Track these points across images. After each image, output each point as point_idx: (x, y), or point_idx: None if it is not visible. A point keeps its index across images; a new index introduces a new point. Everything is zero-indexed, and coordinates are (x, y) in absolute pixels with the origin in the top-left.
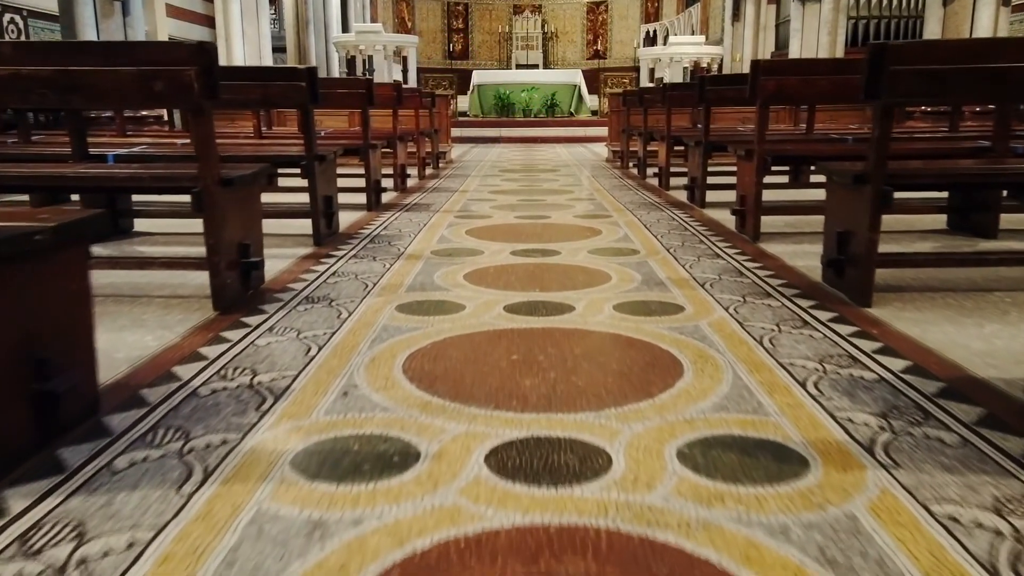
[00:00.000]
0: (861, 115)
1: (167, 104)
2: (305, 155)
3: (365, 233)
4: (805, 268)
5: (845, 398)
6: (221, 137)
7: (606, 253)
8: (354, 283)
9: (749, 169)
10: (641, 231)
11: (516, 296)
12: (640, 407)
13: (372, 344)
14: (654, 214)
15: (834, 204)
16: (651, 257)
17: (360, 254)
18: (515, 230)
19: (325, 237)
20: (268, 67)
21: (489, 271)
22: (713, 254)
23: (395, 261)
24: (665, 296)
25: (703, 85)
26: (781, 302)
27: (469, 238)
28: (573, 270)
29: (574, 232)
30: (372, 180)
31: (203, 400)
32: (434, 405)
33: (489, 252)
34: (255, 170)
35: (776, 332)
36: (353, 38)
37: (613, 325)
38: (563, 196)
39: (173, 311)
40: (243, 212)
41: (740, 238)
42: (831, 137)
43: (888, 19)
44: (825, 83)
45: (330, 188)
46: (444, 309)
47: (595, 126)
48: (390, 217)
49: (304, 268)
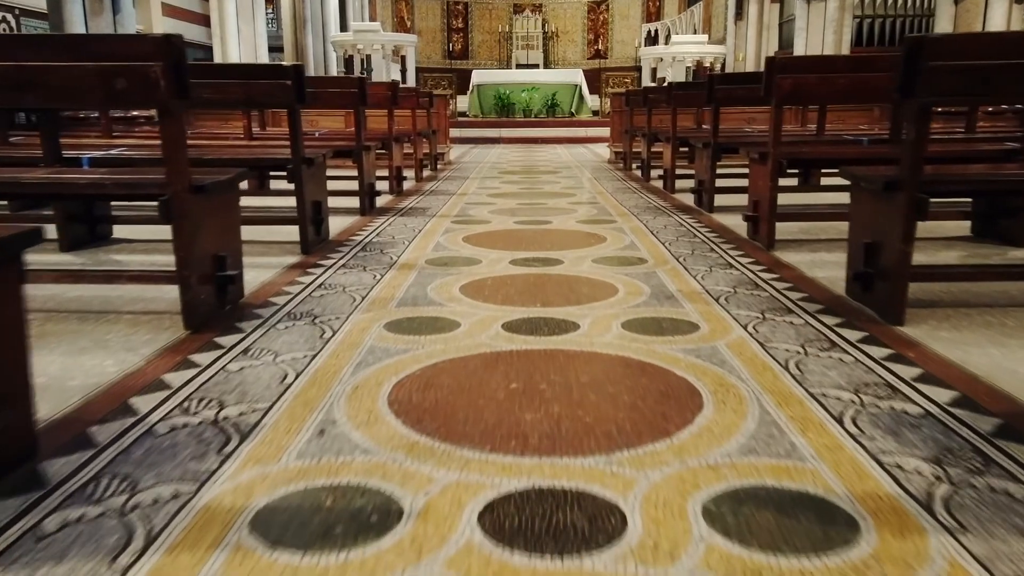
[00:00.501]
0: (869, 115)
1: (131, 104)
2: (291, 158)
3: (357, 240)
4: (826, 280)
5: (890, 438)
6: (208, 138)
7: (612, 262)
8: (341, 297)
9: (763, 173)
10: (648, 238)
11: (516, 312)
12: (656, 449)
13: (356, 369)
14: (660, 219)
15: (860, 212)
16: (660, 267)
17: (350, 263)
18: (515, 237)
19: (314, 245)
20: (251, 64)
21: (487, 283)
22: (726, 264)
23: (387, 271)
24: (677, 312)
25: (712, 84)
26: (804, 319)
27: (466, 246)
28: (577, 282)
29: (577, 239)
30: (366, 183)
31: (159, 440)
32: (422, 446)
33: (487, 261)
34: (231, 175)
35: (802, 355)
36: (351, 37)
37: (622, 347)
38: (565, 199)
39: (141, 330)
40: (218, 221)
41: (753, 246)
42: (845, 138)
43: (894, 18)
44: (844, 81)
45: (319, 193)
46: (437, 327)
47: (596, 126)
48: (384, 222)
49: (289, 279)
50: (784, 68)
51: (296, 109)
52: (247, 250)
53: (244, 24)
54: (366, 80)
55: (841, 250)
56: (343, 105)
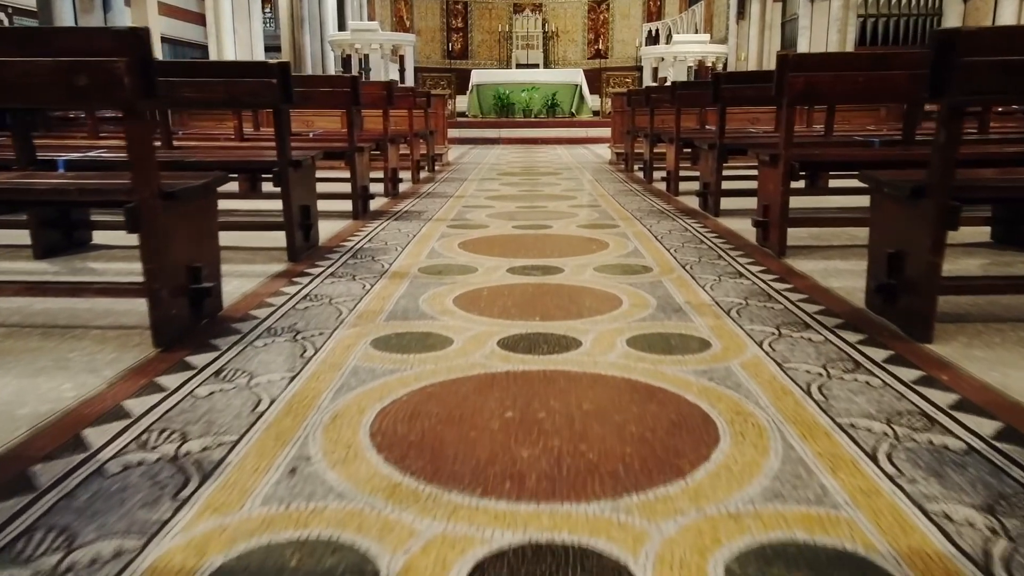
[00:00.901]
0: (875, 116)
1: (94, 103)
2: (277, 161)
3: (347, 246)
4: (842, 290)
5: (933, 480)
6: (199, 139)
7: (615, 271)
8: (327, 309)
9: (773, 176)
10: (652, 244)
11: (513, 327)
12: (669, 493)
13: (337, 394)
14: (664, 223)
15: (883, 220)
16: (665, 276)
17: (339, 272)
18: (513, 242)
19: (302, 252)
20: (235, 62)
21: (483, 294)
22: (735, 272)
23: (377, 280)
24: (686, 327)
25: (719, 83)
26: (823, 335)
27: (462, 252)
28: (578, 292)
29: (578, 245)
30: (358, 186)
31: (109, 482)
32: (405, 489)
33: (483, 269)
34: (207, 180)
35: (825, 378)
36: (349, 36)
37: (628, 367)
38: (565, 202)
39: (107, 347)
40: (193, 229)
41: (763, 252)
42: (855, 140)
43: (898, 17)
44: (861, 80)
45: (308, 197)
46: (428, 344)
47: (597, 127)
48: (377, 227)
49: (273, 290)
50: (797, 66)
51: (282, 109)
52: (231, 257)
53: (240, 23)
54: (359, 79)
55: (856, 258)
56: (335, 105)
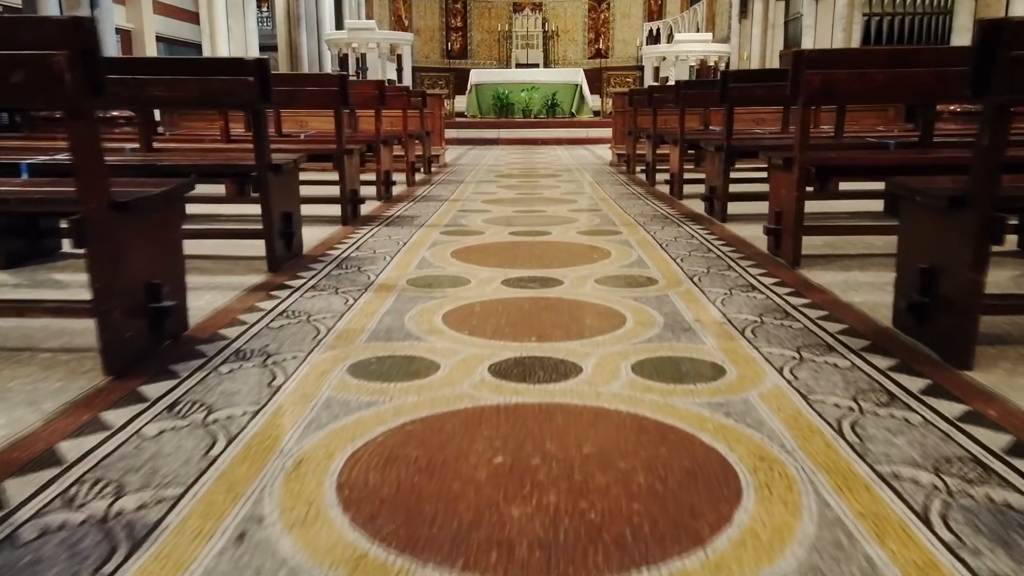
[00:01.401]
0: (883, 116)
1: (33, 102)
2: (255, 164)
3: (333, 255)
4: (865, 306)
5: (1000, 552)
6: (184, 140)
7: (618, 283)
8: (304, 328)
9: (787, 181)
10: (657, 252)
11: (506, 349)
12: (687, 568)
13: (305, 433)
14: (669, 230)
15: (915, 231)
16: (672, 289)
17: (321, 284)
18: (510, 251)
19: (283, 261)
20: (209, 58)
21: (475, 310)
22: (747, 285)
23: (362, 294)
24: (697, 350)
25: (726, 82)
26: (850, 360)
27: (455, 262)
28: (578, 308)
29: (578, 253)
30: (348, 190)
31: (19, 553)
32: (371, 562)
33: (477, 281)
34: (167, 189)
35: (857, 413)
36: (345, 35)
37: (634, 399)
38: (565, 206)
39: (55, 374)
40: (152, 243)
41: (775, 262)
42: (869, 141)
43: (903, 16)
44: (883, 78)
45: (290, 203)
46: (411, 371)
47: (598, 127)
48: (366, 233)
49: (247, 305)
50: (813, 63)
51: (260, 109)
52: (208, 267)
53: (234, 21)
54: (347, 78)
55: (876, 268)
56: (322, 105)
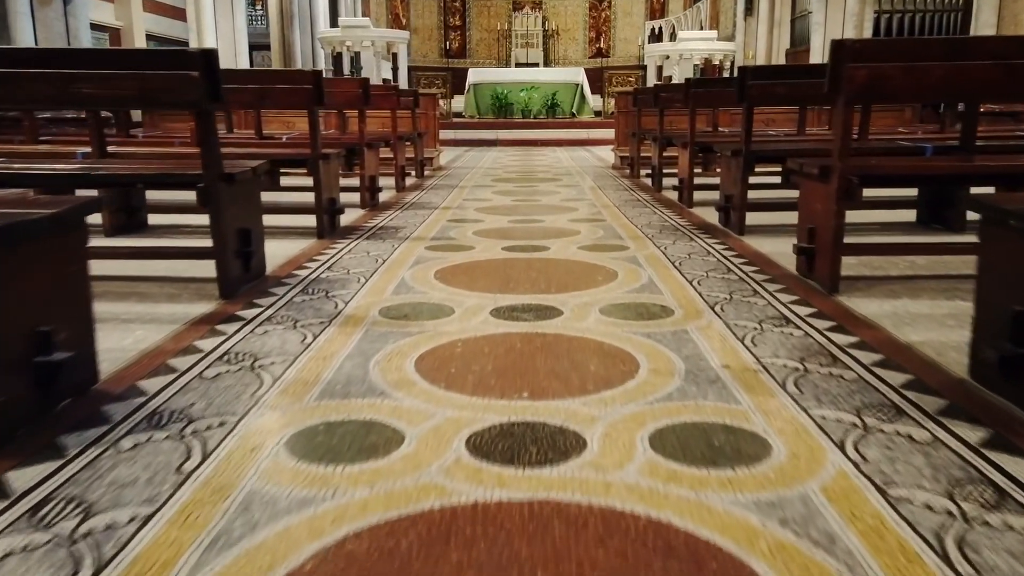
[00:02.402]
0: (899, 116)
1: None
2: (203, 175)
3: (300, 277)
4: (929, 348)
5: None
6: (148, 144)
7: (627, 313)
8: (244, 379)
9: (823, 194)
10: (670, 273)
11: (490, 410)
12: None
13: (204, 558)
14: (682, 244)
15: (1005, 264)
16: (691, 322)
17: (279, 315)
18: (502, 271)
19: (238, 286)
20: (145, 49)
21: (456, 351)
22: (779, 317)
23: (324, 329)
24: (731, 413)
25: (745, 79)
26: (928, 430)
27: (438, 285)
28: (580, 348)
29: (580, 274)
30: (325, 199)
31: None
32: None
33: (461, 311)
34: (58, 210)
35: (960, 522)
36: (339, 33)
37: (656, 495)
38: (565, 215)
39: None
40: (37, 280)
41: (807, 287)
42: (902, 145)
43: (914, 13)
44: (940, 72)
45: (249, 218)
46: (367, 445)
47: (599, 128)
48: (343, 249)
49: (183, 345)
50: (858, 55)
51: (207, 110)
52: (153, 293)
53: (222, 18)
54: (322, 74)
55: (929, 295)
56: (295, 105)
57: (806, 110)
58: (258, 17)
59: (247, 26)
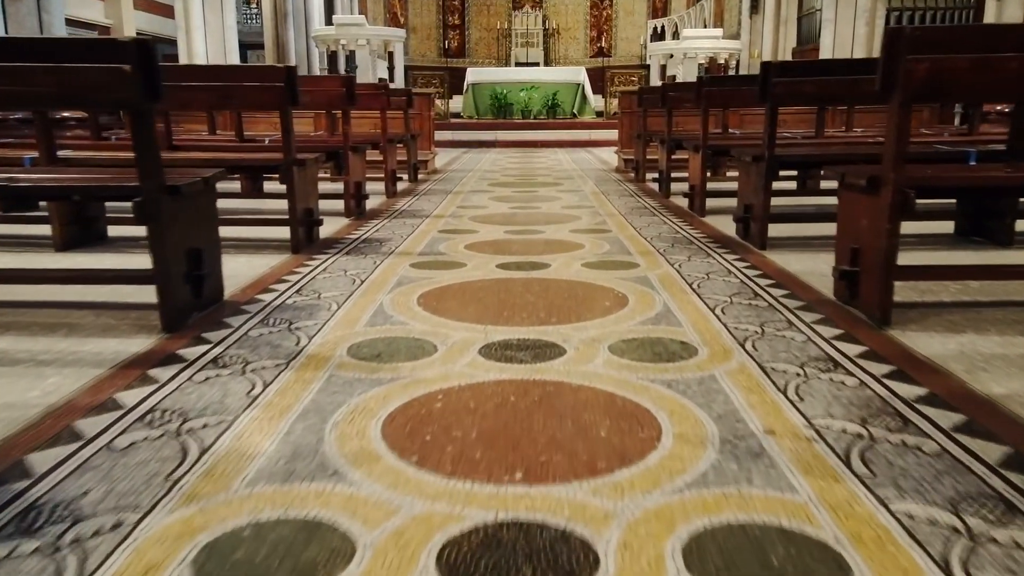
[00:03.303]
0: (917, 117)
1: None
2: (140, 187)
3: (264, 302)
4: (1017, 404)
5: None
6: (103, 149)
7: (642, 353)
8: (163, 452)
9: (871, 208)
10: (688, 298)
11: (471, 504)
12: None
13: None
14: (698, 261)
15: None
16: (720, 365)
17: (227, 356)
18: (496, 294)
19: (187, 314)
20: (71, 39)
21: (434, 408)
22: (826, 359)
23: (278, 374)
24: (785, 506)
25: (768, 76)
26: None
27: (421, 313)
28: (588, 403)
29: (585, 299)
30: (299, 210)
31: None
32: None
33: (446, 349)
34: None
35: None
36: (333, 31)
37: None
38: (567, 225)
39: None
40: None
41: (850, 317)
42: (943, 151)
43: (924, 10)
44: (1015, 66)
45: (201, 236)
46: (302, 570)
47: (601, 128)
48: (318, 266)
49: (99, 399)
50: (917, 46)
51: (144, 111)
52: (85, 325)
53: (211, 15)
54: (296, 71)
55: (996, 329)
56: (265, 105)
57: (824, 110)
58: (253, 15)
59: (242, 24)
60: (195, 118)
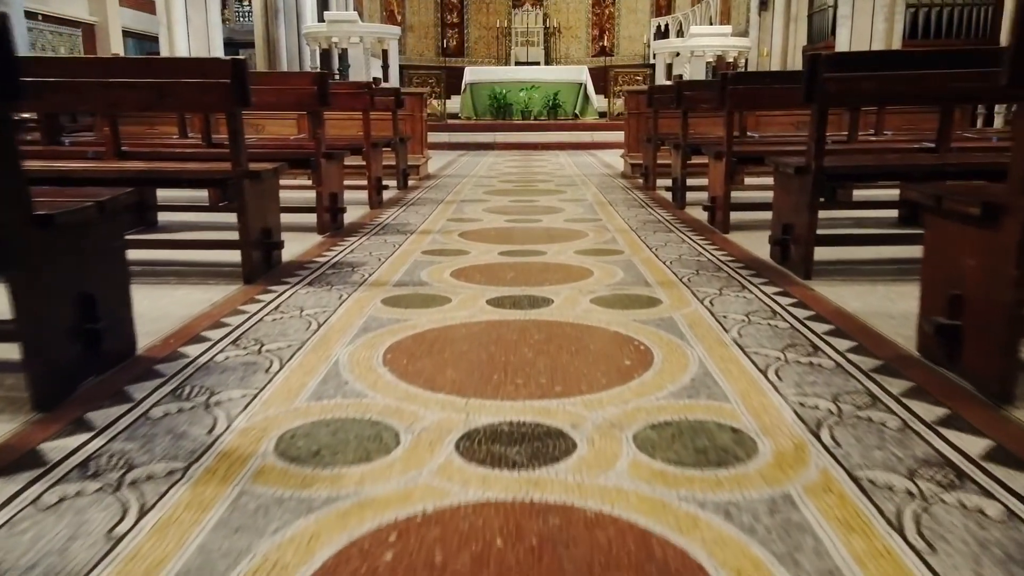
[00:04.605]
0: (930, 120)
1: None
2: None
3: (185, 360)
4: None
5: None
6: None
7: (681, 451)
8: None
9: (983, 245)
10: (730, 354)
11: None
12: None
13: None
14: (732, 296)
15: None
16: (795, 475)
17: (108, 454)
18: (484, 347)
19: (74, 382)
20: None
21: (380, 562)
22: (941, 463)
23: (166, 491)
24: None
25: (817, 70)
26: None
27: (384, 377)
28: (610, 548)
29: (599, 355)
30: (251, 232)
31: None
32: None
33: (411, 442)
34: None
35: None
36: (325, 28)
37: None
38: (572, 244)
39: None
40: None
41: (950, 385)
42: None
43: (941, 7)
44: None
45: (92, 280)
46: None
47: (604, 130)
48: (268, 304)
49: None
50: None
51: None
52: None
53: (194, 11)
54: (245, 64)
55: None
56: (208, 106)
57: (858, 111)
58: (245, 13)
59: (234, 22)
60: (170, 120)
